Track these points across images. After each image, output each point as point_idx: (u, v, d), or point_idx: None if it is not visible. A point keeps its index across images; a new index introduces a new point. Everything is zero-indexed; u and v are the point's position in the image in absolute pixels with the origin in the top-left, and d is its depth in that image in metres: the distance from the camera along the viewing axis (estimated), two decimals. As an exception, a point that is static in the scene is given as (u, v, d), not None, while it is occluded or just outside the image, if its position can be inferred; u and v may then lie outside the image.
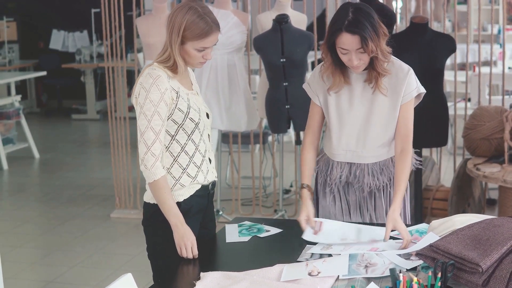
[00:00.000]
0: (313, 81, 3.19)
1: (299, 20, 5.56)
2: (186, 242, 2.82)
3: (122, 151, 6.56)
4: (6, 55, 12.00)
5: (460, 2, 10.56)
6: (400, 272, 2.35)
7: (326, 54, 3.04)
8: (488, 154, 5.24)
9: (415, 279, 2.16)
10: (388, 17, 5.18)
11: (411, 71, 3.08)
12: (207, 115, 3.00)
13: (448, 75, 7.24)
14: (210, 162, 3.02)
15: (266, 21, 5.54)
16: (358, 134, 3.14)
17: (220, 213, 5.97)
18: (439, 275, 2.19)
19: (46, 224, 6.41)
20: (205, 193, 2.99)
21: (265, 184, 6.99)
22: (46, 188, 7.74)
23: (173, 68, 2.85)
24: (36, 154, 9.13)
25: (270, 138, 6.77)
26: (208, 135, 3.01)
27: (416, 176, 5.07)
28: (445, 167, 6.98)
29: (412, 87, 3.07)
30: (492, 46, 5.76)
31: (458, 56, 9.80)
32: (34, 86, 13.03)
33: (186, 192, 2.92)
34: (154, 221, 2.95)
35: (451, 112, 6.06)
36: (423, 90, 3.10)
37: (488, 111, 5.26)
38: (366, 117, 3.11)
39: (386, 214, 3.27)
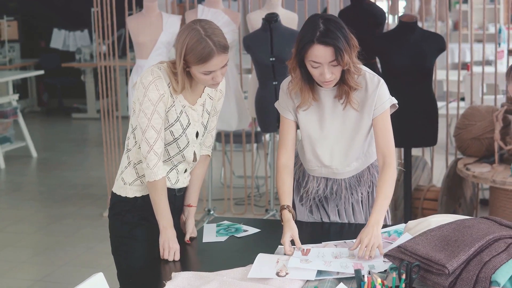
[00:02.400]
0: (283, 97, 3.03)
1: (289, 19, 5.52)
2: (171, 248, 2.81)
3: (115, 150, 6.55)
4: (7, 54, 12.01)
5: (460, 1, 10.51)
6: (369, 274, 2.33)
7: (294, 70, 2.87)
8: (479, 154, 5.20)
9: (378, 280, 2.13)
10: (378, 16, 5.17)
11: (382, 81, 2.93)
12: (197, 134, 2.90)
13: (443, 75, 7.20)
14: (185, 172, 2.97)
15: (256, 20, 5.51)
16: (331, 151, 3.01)
17: (211, 212, 5.95)
18: (403, 276, 2.16)
19: (38, 223, 6.41)
20: (171, 194, 2.92)
21: (258, 184, 6.97)
22: (42, 187, 7.75)
23: (176, 83, 2.76)
24: (34, 153, 9.13)
25: (266, 137, 6.73)
26: (194, 152, 2.92)
27: (405, 176, 5.04)
28: (441, 167, 6.94)
29: (384, 98, 2.92)
30: (485, 46, 5.71)
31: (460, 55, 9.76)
32: (35, 85, 13.05)
33: (145, 189, 2.89)
34: (116, 213, 2.95)
35: (444, 111, 6.04)
36: (395, 101, 2.96)
37: (479, 111, 5.22)
38: (338, 134, 2.98)
39: (365, 219, 3.24)
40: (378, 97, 2.91)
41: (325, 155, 3.02)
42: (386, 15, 5.64)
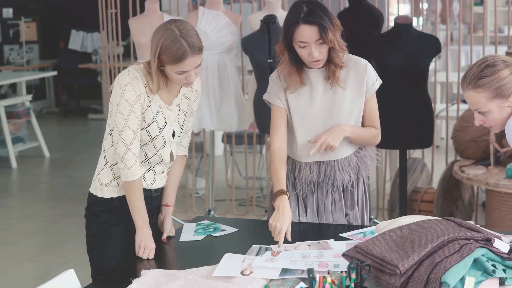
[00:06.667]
0: (273, 85, 3.15)
1: (289, 21, 5.54)
2: (147, 246, 2.86)
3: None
4: (24, 55, 12.15)
5: (476, 3, 10.47)
6: (328, 273, 2.35)
7: (282, 53, 3.04)
8: (477, 156, 5.19)
9: (328, 279, 2.16)
10: (376, 18, 5.17)
11: (369, 64, 3.12)
12: (174, 134, 2.95)
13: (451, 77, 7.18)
14: (162, 173, 3.01)
15: (255, 22, 5.54)
16: (322, 131, 3.10)
17: (212, 213, 5.99)
18: (353, 275, 2.19)
19: (45, 222, 6.50)
20: (147, 195, 2.96)
21: (262, 185, 6.99)
22: (51, 186, 7.85)
23: (152, 82, 2.81)
24: (47, 153, 9.23)
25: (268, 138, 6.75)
26: (171, 152, 2.97)
27: (401, 178, 5.04)
28: (442, 169, 6.90)
29: (373, 79, 3.12)
30: (484, 48, 5.69)
31: (474, 57, 9.72)
32: (53, 86, 13.18)
33: (121, 190, 2.94)
34: (93, 213, 2.99)
35: (443, 114, 6.03)
36: (380, 81, 3.14)
37: (476, 113, 5.19)
38: (329, 113, 3.09)
39: (346, 217, 3.26)
40: (368, 78, 3.10)
41: (317, 134, 3.09)
42: (385, 16, 5.64)
